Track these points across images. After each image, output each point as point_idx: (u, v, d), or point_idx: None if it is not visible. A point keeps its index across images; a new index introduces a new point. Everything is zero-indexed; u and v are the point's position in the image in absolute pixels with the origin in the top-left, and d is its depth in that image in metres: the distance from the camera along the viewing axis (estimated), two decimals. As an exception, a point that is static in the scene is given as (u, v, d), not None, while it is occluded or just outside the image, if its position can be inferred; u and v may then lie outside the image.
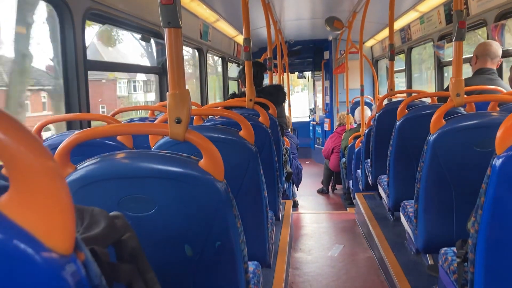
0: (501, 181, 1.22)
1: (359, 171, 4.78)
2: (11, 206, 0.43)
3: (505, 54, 3.66)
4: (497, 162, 1.22)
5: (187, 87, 1.35)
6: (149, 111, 3.43)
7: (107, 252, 0.68)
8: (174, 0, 1.25)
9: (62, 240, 0.44)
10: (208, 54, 6.01)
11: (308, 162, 10.40)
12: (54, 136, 2.17)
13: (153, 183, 1.25)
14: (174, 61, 1.29)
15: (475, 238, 1.33)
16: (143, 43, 4.03)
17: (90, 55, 2.85)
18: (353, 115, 7.29)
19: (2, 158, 0.43)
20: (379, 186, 3.66)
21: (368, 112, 6.46)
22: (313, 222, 4.87)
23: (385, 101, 3.88)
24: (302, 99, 16.62)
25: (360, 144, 4.81)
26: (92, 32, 3.27)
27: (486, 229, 1.28)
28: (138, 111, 4.23)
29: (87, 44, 2.79)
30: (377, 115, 3.60)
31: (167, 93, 1.32)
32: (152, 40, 4.13)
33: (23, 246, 0.41)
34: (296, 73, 11.20)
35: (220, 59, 7.26)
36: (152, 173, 1.26)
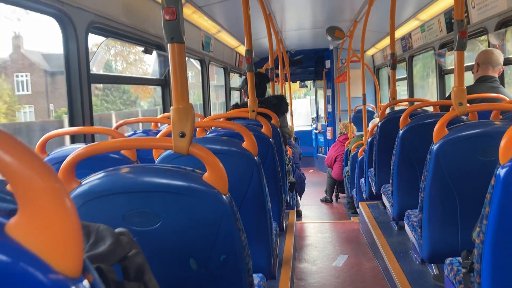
0: (506, 191, 1.22)
1: (362, 180, 4.77)
2: (19, 229, 0.43)
3: (507, 61, 3.67)
4: (501, 172, 1.22)
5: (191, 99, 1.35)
6: (152, 123, 3.44)
7: (114, 270, 0.68)
8: (177, 16, 1.26)
9: (70, 262, 0.44)
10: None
11: (311, 171, 10.39)
12: (59, 150, 2.18)
13: (157, 197, 1.25)
14: (178, 75, 1.30)
15: (480, 248, 1.32)
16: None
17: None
18: (355, 125, 7.30)
19: (9, 181, 0.43)
20: (383, 195, 3.65)
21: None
22: (317, 232, 4.85)
23: (388, 110, 3.89)
24: (305, 108, 16.62)
25: (363, 153, 4.81)
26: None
27: (492, 239, 1.27)
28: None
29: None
30: (379, 124, 3.60)
31: (171, 108, 1.32)
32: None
33: (31, 269, 0.41)
34: (298, 82, 11.24)
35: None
36: (156, 187, 1.26)
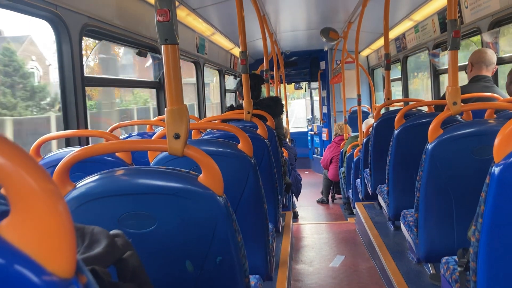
0: (500, 189, 1.22)
1: (358, 180, 4.78)
2: (12, 230, 0.43)
3: (500, 61, 3.69)
4: (496, 170, 1.23)
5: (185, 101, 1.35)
6: (147, 125, 3.43)
7: (109, 272, 0.68)
8: (171, 18, 1.26)
9: (63, 263, 0.44)
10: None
11: (307, 172, 10.40)
12: (53, 153, 2.17)
13: (152, 199, 1.25)
14: (172, 77, 1.30)
15: (476, 246, 1.33)
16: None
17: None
18: (350, 125, 7.31)
19: (1, 181, 0.43)
20: (378, 196, 3.65)
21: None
22: (313, 233, 4.86)
23: (383, 110, 3.90)
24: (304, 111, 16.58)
25: (359, 154, 4.82)
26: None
27: (487, 237, 1.27)
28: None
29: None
30: (374, 124, 3.61)
31: (165, 109, 1.32)
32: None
33: (24, 271, 0.41)
34: (293, 83, 11.26)
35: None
36: (151, 189, 1.26)
